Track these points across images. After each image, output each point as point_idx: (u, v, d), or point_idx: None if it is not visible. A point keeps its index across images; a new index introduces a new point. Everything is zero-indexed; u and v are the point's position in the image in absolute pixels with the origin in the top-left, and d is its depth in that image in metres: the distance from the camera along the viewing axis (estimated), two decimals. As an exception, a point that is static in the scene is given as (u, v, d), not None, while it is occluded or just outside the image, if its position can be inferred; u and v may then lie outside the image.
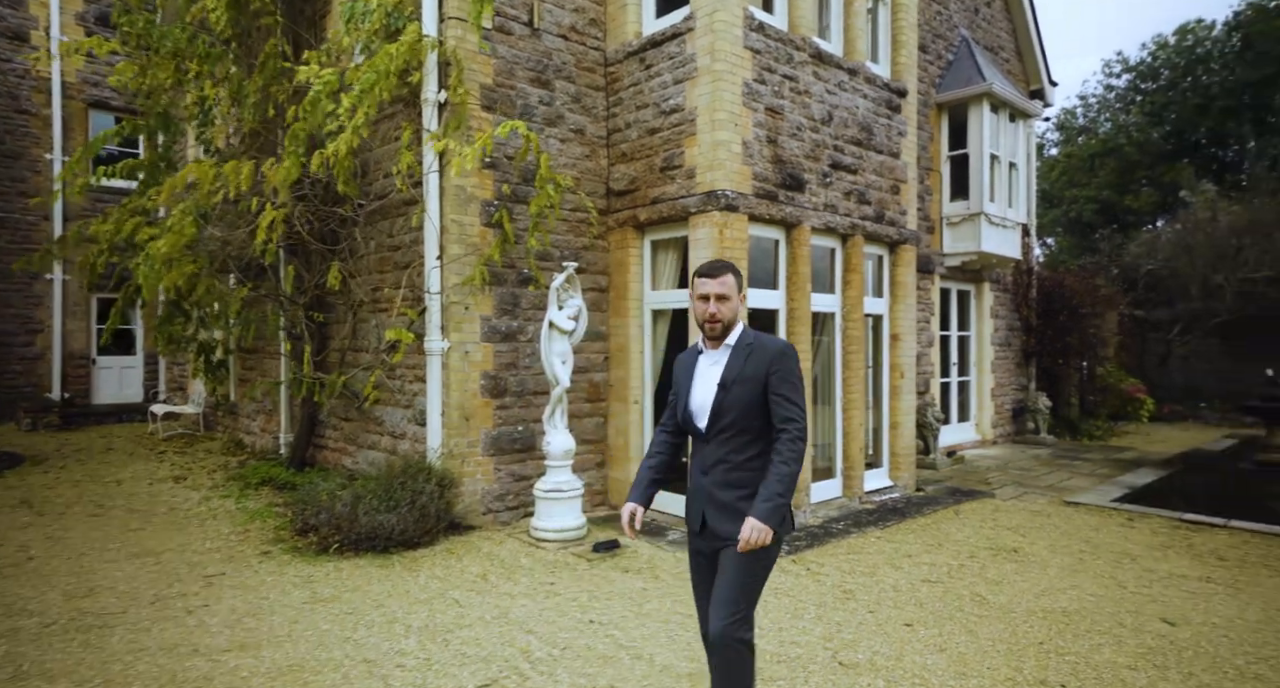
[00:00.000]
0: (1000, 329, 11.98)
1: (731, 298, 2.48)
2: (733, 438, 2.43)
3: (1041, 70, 12.55)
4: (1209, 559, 5.27)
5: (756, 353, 2.44)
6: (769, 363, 2.41)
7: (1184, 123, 17.82)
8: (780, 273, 6.28)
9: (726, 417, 2.43)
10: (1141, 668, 3.48)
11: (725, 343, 2.51)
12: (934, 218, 10.48)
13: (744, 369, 2.42)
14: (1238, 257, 13.36)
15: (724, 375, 2.44)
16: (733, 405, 2.41)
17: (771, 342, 2.50)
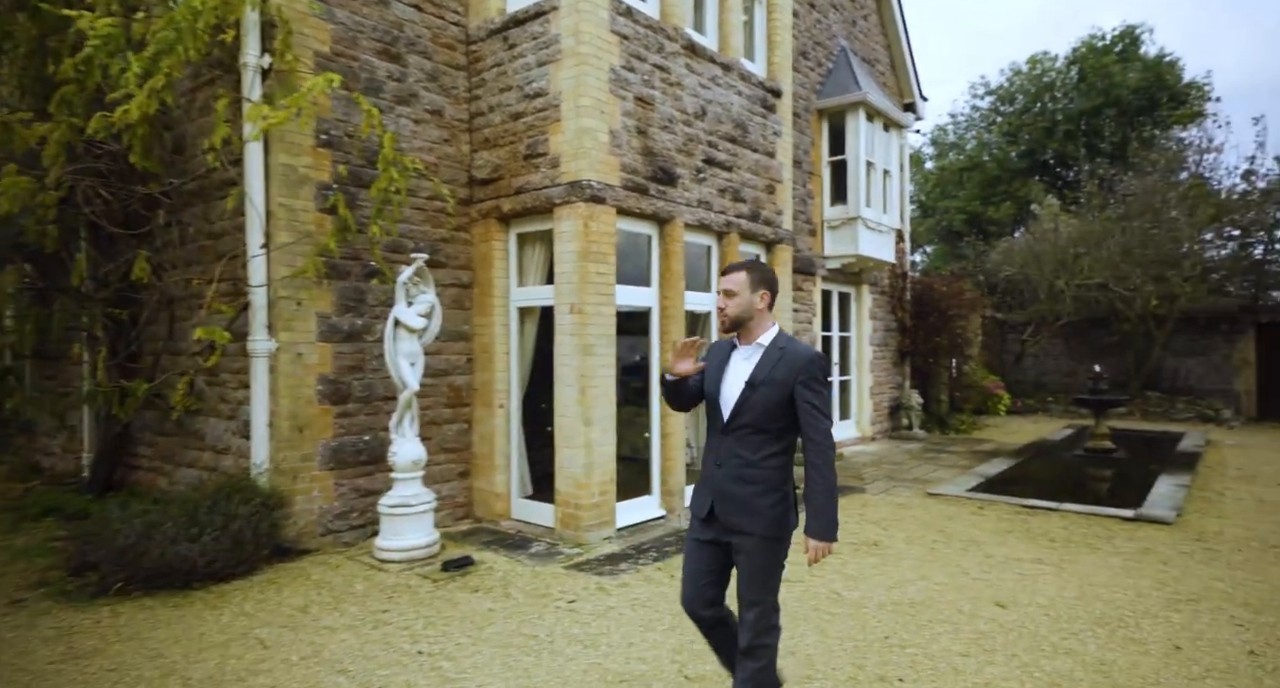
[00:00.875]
0: (878, 330, 12.44)
1: (739, 294, 2.54)
2: (750, 435, 2.50)
3: (913, 85, 13.18)
4: (1042, 541, 5.53)
5: (787, 357, 2.49)
6: (798, 370, 2.46)
7: (1035, 143, 19.47)
8: (653, 270, 6.06)
9: (748, 415, 2.49)
10: (972, 654, 3.52)
11: (759, 342, 2.56)
12: (816, 221, 10.69)
13: (774, 372, 2.48)
14: (1075, 264, 14.61)
15: (753, 375, 2.50)
16: (756, 405, 2.47)
17: (803, 349, 2.53)
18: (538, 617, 3.93)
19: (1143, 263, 14.42)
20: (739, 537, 2.48)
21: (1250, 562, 5.06)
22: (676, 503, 6.02)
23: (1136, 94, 18.15)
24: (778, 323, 2.64)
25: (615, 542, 5.34)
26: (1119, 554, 5.21)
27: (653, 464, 6.02)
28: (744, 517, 2.46)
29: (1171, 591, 4.41)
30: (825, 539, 2.42)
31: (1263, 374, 15.65)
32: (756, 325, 2.57)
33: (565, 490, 5.31)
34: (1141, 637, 3.71)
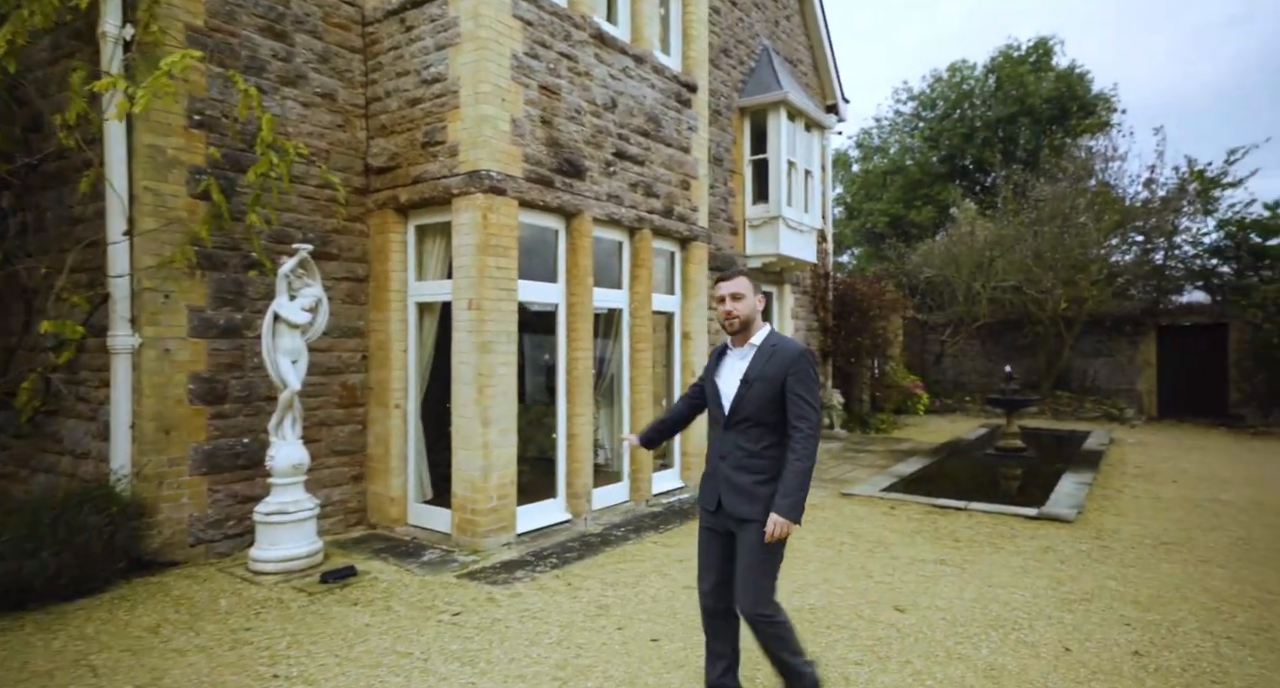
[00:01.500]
0: (800, 330, 12.58)
1: (746, 296, 2.73)
2: (750, 429, 2.68)
3: (836, 86, 13.39)
4: (948, 542, 5.60)
5: (778, 354, 2.67)
6: (788, 364, 2.64)
7: (954, 149, 20.20)
8: (560, 265, 5.87)
9: (745, 410, 2.67)
10: (866, 661, 3.45)
11: (750, 343, 2.75)
12: (737, 220, 10.71)
13: (764, 369, 2.66)
14: (990, 267, 15.18)
15: (747, 373, 2.69)
16: (752, 400, 2.65)
17: (793, 345, 2.71)
18: (417, 632, 3.69)
19: (1053, 266, 15.07)
20: (743, 523, 2.65)
21: (1142, 559, 5.23)
22: (583, 506, 5.85)
23: (1049, 103, 19.04)
24: (768, 324, 2.84)
25: (515, 548, 5.13)
26: (1020, 554, 5.31)
27: (558, 466, 5.83)
28: (747, 504, 2.63)
29: (1067, 590, 4.49)
30: (787, 518, 2.55)
31: (1162, 375, 16.62)
32: (755, 327, 2.78)
33: (462, 495, 5.06)
34: (1033, 639, 3.73)
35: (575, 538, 5.49)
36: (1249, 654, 3.58)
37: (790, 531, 2.56)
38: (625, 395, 6.56)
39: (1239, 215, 16.47)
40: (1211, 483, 8.35)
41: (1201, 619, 4.04)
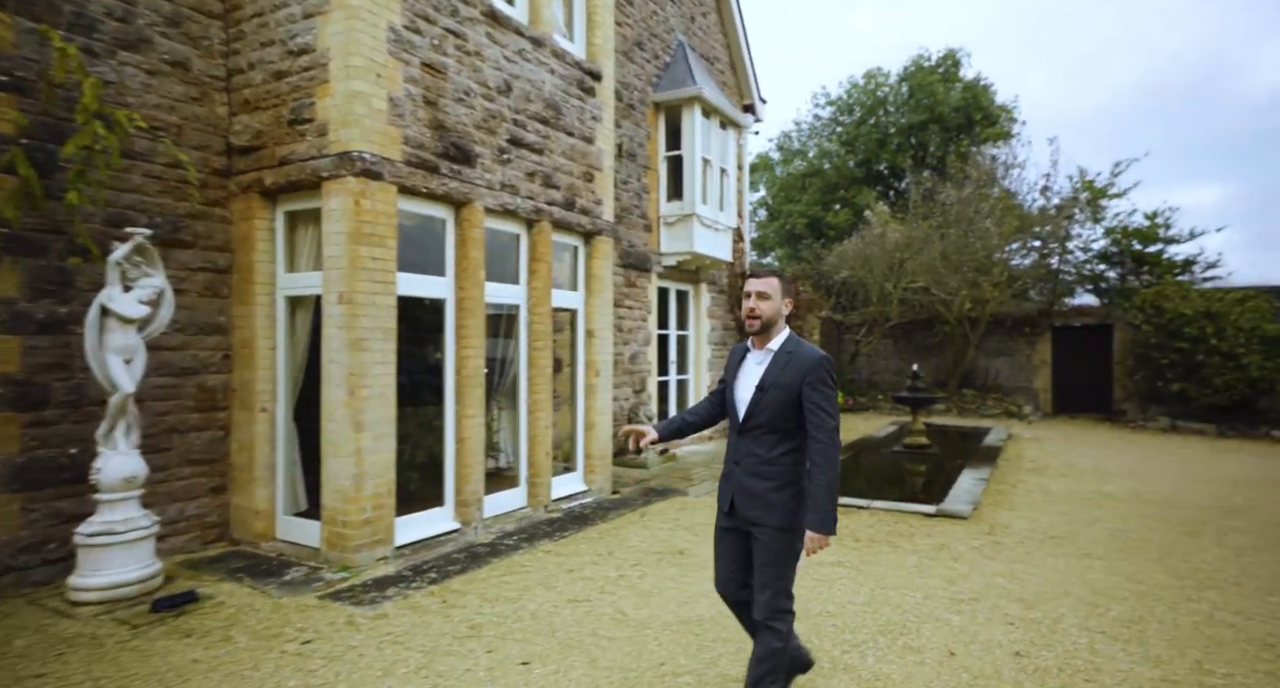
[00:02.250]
0: (717, 329, 12.53)
1: (773, 297, 2.67)
2: (764, 435, 2.66)
3: (753, 86, 13.43)
4: (848, 542, 5.55)
5: (795, 361, 2.63)
6: (805, 372, 2.59)
7: (869, 153, 20.78)
8: (448, 258, 5.48)
9: (760, 416, 2.65)
10: (750, 681, 3.25)
11: (769, 347, 2.71)
12: (652, 217, 10.52)
13: (781, 376, 2.62)
14: (900, 269, 15.63)
15: (763, 379, 2.65)
16: (767, 407, 2.62)
17: (810, 352, 2.65)
18: (253, 667, 3.25)
19: (958, 268, 15.64)
20: (756, 528, 2.65)
21: (1030, 554, 5.31)
22: (473, 515, 5.48)
23: (957, 112, 19.85)
24: (789, 329, 2.77)
25: (392, 562, 4.72)
26: (917, 552, 5.30)
27: (446, 473, 5.44)
28: (760, 510, 2.63)
29: (957, 589, 4.46)
30: (822, 532, 2.54)
31: (1057, 373, 17.55)
32: (777, 331, 2.72)
33: (332, 506, 4.61)
34: (920, 644, 3.64)
35: (462, 549, 5.11)
36: (1120, 649, 3.60)
37: (828, 543, 2.58)
38: (523, 396, 6.22)
39: (1123, 224, 17.60)
40: (1096, 476, 8.74)
41: (1080, 615, 4.07)
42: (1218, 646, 3.67)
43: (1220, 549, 5.56)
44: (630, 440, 2.86)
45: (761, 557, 2.65)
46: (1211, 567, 5.11)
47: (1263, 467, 9.79)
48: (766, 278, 2.71)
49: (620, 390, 9.68)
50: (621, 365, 9.70)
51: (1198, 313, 13.56)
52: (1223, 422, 13.77)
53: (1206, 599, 4.39)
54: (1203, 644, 3.69)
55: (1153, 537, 5.90)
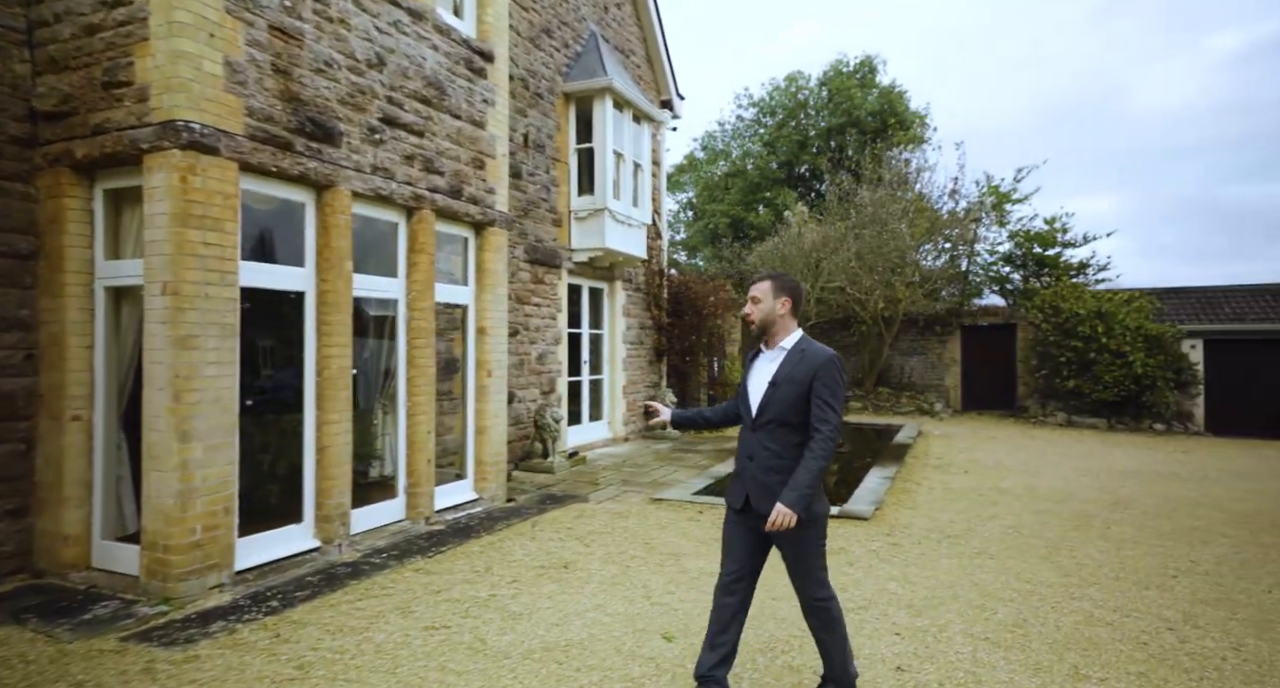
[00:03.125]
0: (633, 328, 12.23)
1: (763, 300, 2.79)
2: (775, 430, 2.73)
3: (670, 81, 13.21)
4: (746, 551, 5.31)
5: (806, 359, 2.72)
6: (815, 369, 2.67)
7: (790, 155, 21.03)
8: (308, 246, 4.93)
9: (771, 411, 2.73)
10: (611, 716, 2.92)
11: (781, 346, 2.80)
12: (562, 211, 10.11)
13: (793, 372, 2.70)
14: (818, 269, 15.78)
15: (775, 375, 2.74)
16: (778, 402, 2.71)
17: (821, 350, 2.75)
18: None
19: (873, 269, 15.90)
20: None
21: (926, 555, 5.20)
22: (337, 531, 4.95)
23: (873, 117, 20.31)
24: (799, 329, 2.85)
25: (229, 590, 4.15)
26: (809, 552, 5.11)
27: (306, 485, 4.88)
28: (775, 504, 2.63)
29: (848, 597, 4.26)
30: (791, 508, 2.59)
31: (966, 371, 18.15)
32: (779, 330, 2.81)
33: (153, 528, 4.00)
34: (800, 663, 3.38)
35: (320, 571, 4.58)
36: (1002, 657, 3.46)
37: (793, 522, 2.60)
38: (402, 399, 5.71)
39: (1025, 228, 18.39)
40: (996, 472, 8.90)
41: (966, 620, 3.93)
42: (1095, 647, 3.58)
43: (1104, 543, 5.62)
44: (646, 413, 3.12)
45: (786, 551, 2.77)
46: (1095, 561, 5.13)
47: (1145, 458, 10.25)
48: (758, 282, 2.85)
49: (528, 391, 9.24)
50: (528, 365, 9.26)
51: (1090, 313, 14.21)
52: (1112, 416, 14.49)
53: (1088, 597, 4.35)
54: (1081, 647, 3.59)
55: (1044, 532, 5.93)
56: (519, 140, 9.11)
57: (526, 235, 9.26)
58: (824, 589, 2.80)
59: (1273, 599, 4.40)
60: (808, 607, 2.80)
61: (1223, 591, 4.55)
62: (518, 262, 9.08)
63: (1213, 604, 4.28)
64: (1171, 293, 16.78)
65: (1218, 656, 3.52)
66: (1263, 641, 3.72)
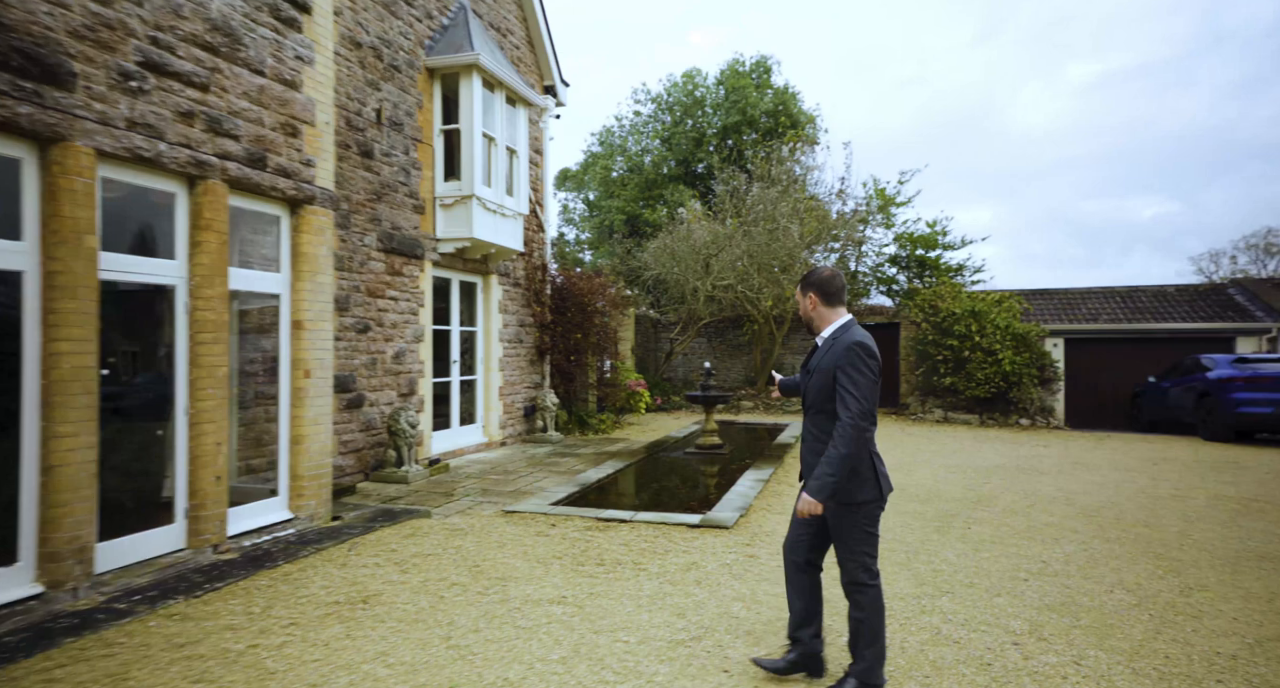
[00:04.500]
0: (511, 325, 11.48)
1: (800, 301, 3.06)
2: (816, 415, 2.95)
3: (553, 66, 12.54)
4: (589, 567, 4.74)
5: (835, 347, 2.85)
6: (838, 356, 2.80)
7: (687, 152, 20.82)
8: (26, 214, 3.94)
9: (810, 397, 2.97)
10: None
11: (822, 334, 2.98)
12: (425, 196, 9.25)
13: (822, 360, 2.90)
14: (708, 267, 15.57)
15: (809, 363, 3.00)
16: (813, 390, 2.93)
17: (847, 337, 2.83)
18: None
19: (762, 267, 15.84)
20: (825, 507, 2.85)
21: (782, 568, 4.82)
22: (72, 571, 3.97)
23: (768, 116, 20.41)
24: (844, 317, 2.96)
25: (-121, 661, 3.15)
26: (662, 576, 4.59)
27: (23, 516, 3.88)
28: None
29: (683, 625, 3.77)
30: (814, 497, 2.77)
31: (852, 368, 18.48)
32: (821, 321, 2.99)
33: None
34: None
35: (32, 625, 3.62)
36: (839, 696, 3.04)
37: (818, 510, 2.78)
38: (181, 405, 4.77)
39: (910, 231, 18.97)
40: (871, 471, 8.79)
41: (809, 648, 3.51)
42: (938, 672, 3.24)
43: (963, 545, 5.45)
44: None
45: (834, 530, 2.90)
46: (952, 567, 4.90)
47: (1009, 453, 10.52)
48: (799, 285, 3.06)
49: (382, 393, 8.33)
50: (383, 365, 8.36)
51: (965, 312, 14.68)
52: (984, 412, 15.04)
53: (939, 610, 4.06)
54: (925, 671, 3.24)
55: (906, 536, 5.71)
56: (370, 115, 8.20)
57: (380, 221, 8.36)
58: (867, 574, 2.87)
59: (1114, 601, 4.27)
60: (847, 589, 2.89)
61: (1069, 593, 4.39)
62: (369, 250, 8.17)
63: (1059, 610, 4.09)
64: (1037, 294, 17.72)
65: (1059, 674, 3.25)
66: (1103, 651, 3.51)
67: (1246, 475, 8.76)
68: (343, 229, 7.73)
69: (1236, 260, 27.98)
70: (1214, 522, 6.37)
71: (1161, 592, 4.48)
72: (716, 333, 19.04)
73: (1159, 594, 4.43)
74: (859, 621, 2.87)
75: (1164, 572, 4.90)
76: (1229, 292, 16.85)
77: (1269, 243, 27.67)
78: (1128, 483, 8.18)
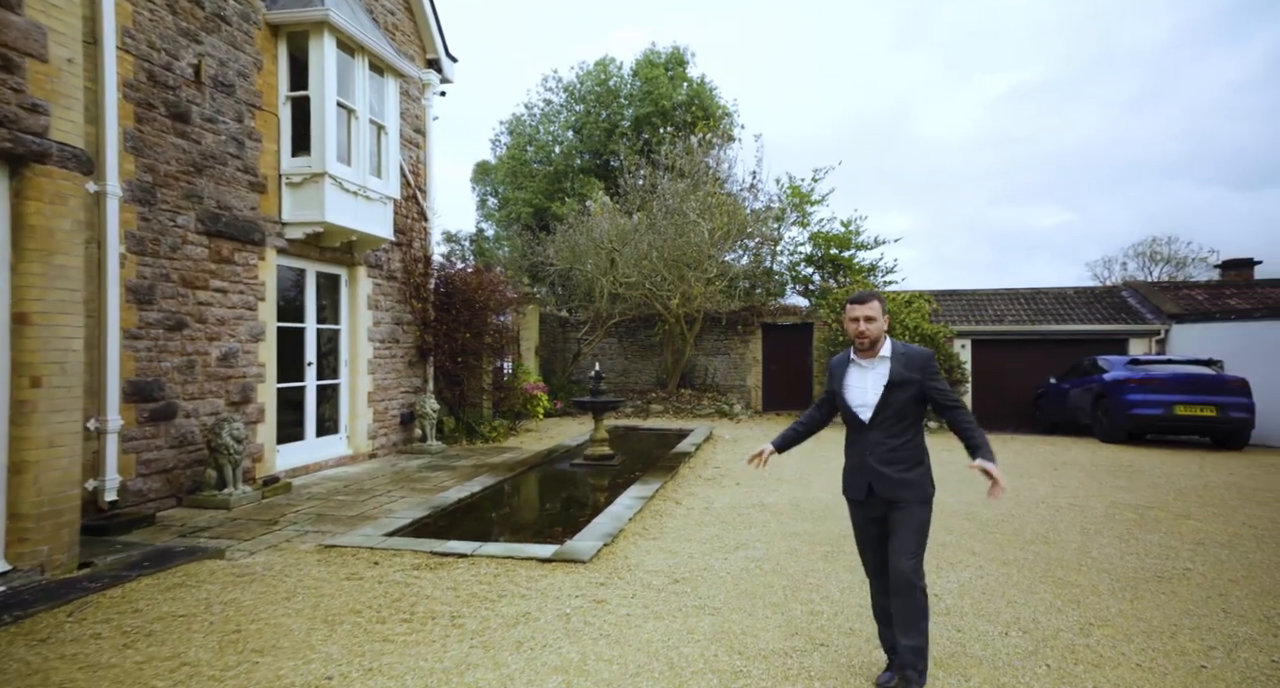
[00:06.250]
0: (385, 323, 10.28)
1: (877, 319, 3.18)
2: (892, 425, 3.17)
3: (436, 39, 11.39)
4: (392, 624, 3.75)
5: (912, 361, 3.17)
6: (921, 368, 3.16)
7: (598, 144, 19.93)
8: None
9: (890, 410, 3.15)
10: None
11: (881, 354, 3.21)
12: (267, 173, 7.98)
13: (905, 373, 3.14)
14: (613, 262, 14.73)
15: (891, 379, 3.15)
16: (896, 402, 3.14)
17: (918, 351, 3.21)
18: None
19: (670, 265, 15.11)
20: (900, 505, 3.11)
21: (632, 616, 3.97)
22: None
23: (682, 109, 19.76)
24: (889, 337, 3.28)
25: None
26: (478, 635, 3.66)
27: None
28: (901, 489, 3.11)
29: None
30: (991, 461, 3.01)
31: (768, 371, 18.04)
32: (881, 340, 3.22)
33: None
34: None
35: None
36: None
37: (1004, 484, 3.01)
38: None
39: (825, 230, 18.70)
40: (767, 483, 8.12)
41: (625, 749, 2.66)
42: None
43: (851, 576, 4.75)
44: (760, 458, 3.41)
45: (907, 526, 3.09)
46: (834, 606, 4.18)
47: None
48: (870, 302, 3.19)
49: (203, 402, 7.04)
50: (204, 368, 7.07)
51: (875, 313, 14.37)
52: (895, 415, 14.78)
53: (804, 672, 3.30)
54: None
55: (789, 566, 4.98)
56: (185, 72, 6.90)
57: (201, 199, 7.07)
58: (920, 576, 3.06)
59: (1009, 647, 3.63)
60: (905, 582, 3.01)
61: (960, 639, 3.72)
62: (183, 232, 6.87)
63: (947, 665, 3.40)
64: (946, 295, 17.74)
65: (939, 776, 2.51)
66: (996, 731, 2.80)
67: (1141, 480, 8.58)
68: (144, 205, 6.43)
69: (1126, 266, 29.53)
70: (1112, 535, 5.97)
71: (1061, 631, 3.89)
72: (628, 333, 18.23)
73: (1058, 635, 3.83)
74: (924, 608, 3.05)
75: (1064, 602, 4.34)
76: (1122, 294, 17.31)
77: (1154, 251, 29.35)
78: (1028, 492, 7.81)
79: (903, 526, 3.10)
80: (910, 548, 3.06)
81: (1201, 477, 8.82)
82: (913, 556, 3.05)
